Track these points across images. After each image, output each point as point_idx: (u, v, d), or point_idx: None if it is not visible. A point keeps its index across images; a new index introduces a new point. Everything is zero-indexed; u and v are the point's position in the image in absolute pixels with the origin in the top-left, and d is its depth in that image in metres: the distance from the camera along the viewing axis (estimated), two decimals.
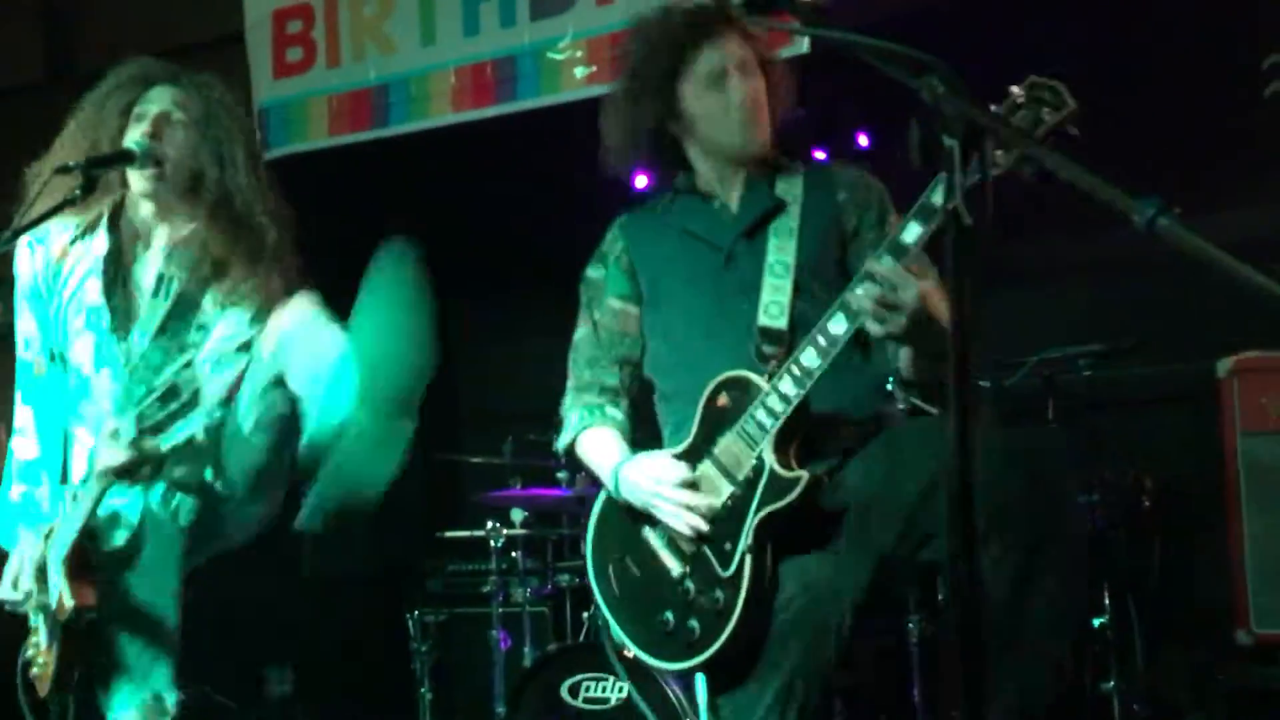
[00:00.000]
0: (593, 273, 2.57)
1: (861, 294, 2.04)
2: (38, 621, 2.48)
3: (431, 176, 5.08)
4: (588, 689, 3.73)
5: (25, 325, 2.59)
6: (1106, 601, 3.91)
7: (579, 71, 3.82)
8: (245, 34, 4.41)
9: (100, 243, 2.52)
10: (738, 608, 2.13)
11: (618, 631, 2.34)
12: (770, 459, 2.16)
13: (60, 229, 2.55)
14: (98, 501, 2.33)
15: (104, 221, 2.54)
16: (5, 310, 3.15)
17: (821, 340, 2.12)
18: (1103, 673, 3.91)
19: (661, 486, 2.25)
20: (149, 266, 2.52)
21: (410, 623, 4.72)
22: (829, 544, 2.18)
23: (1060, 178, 1.16)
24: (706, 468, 2.23)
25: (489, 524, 4.38)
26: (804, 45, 3.41)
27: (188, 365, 2.46)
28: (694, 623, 2.19)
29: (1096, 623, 3.94)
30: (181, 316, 2.47)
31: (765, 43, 2.51)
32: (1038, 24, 3.84)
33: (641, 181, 5.10)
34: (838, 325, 2.11)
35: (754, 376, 2.22)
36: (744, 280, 2.35)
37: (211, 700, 3.99)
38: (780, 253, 2.34)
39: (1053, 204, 2.75)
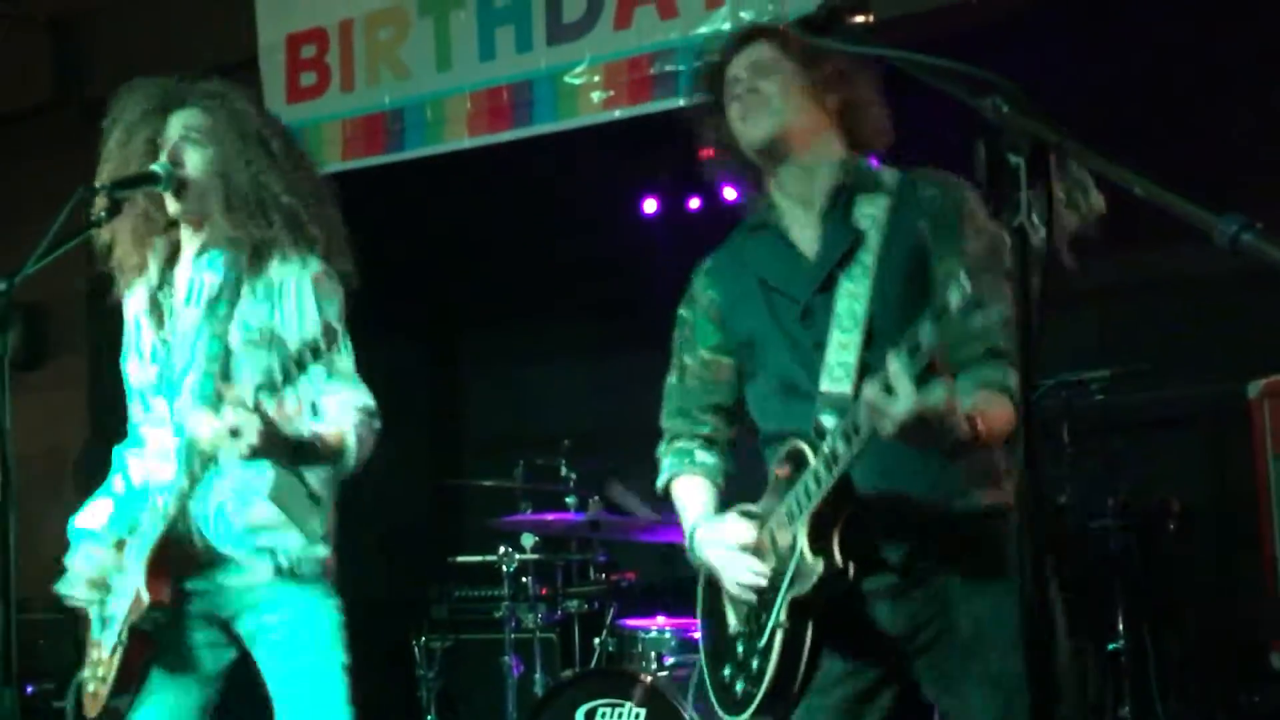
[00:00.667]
0: (685, 313, 2.43)
1: (866, 390, 1.92)
2: (98, 635, 2.50)
3: (438, 203, 5.08)
4: (603, 715, 3.71)
5: (128, 369, 2.64)
6: (1121, 626, 3.91)
7: (596, 96, 3.82)
8: (259, 58, 4.41)
9: (151, 281, 2.59)
10: (765, 681, 2.10)
11: (704, 676, 2.33)
12: (803, 540, 2.06)
13: (140, 281, 2.60)
14: (186, 496, 2.38)
15: (154, 261, 2.59)
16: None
17: (850, 428, 1.97)
18: (1118, 698, 3.90)
19: (723, 550, 2.22)
20: (184, 281, 2.56)
21: (416, 649, 4.69)
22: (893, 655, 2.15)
23: (1136, 194, 1.16)
24: (764, 535, 2.18)
25: (502, 549, 4.36)
26: None
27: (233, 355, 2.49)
28: (740, 684, 2.18)
29: (1111, 647, 3.93)
30: (216, 314, 2.48)
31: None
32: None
33: (651, 206, 5.17)
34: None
35: (807, 450, 2.08)
36: (822, 337, 2.19)
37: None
38: (852, 299, 2.14)
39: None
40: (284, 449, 2.29)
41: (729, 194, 3.77)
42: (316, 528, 2.51)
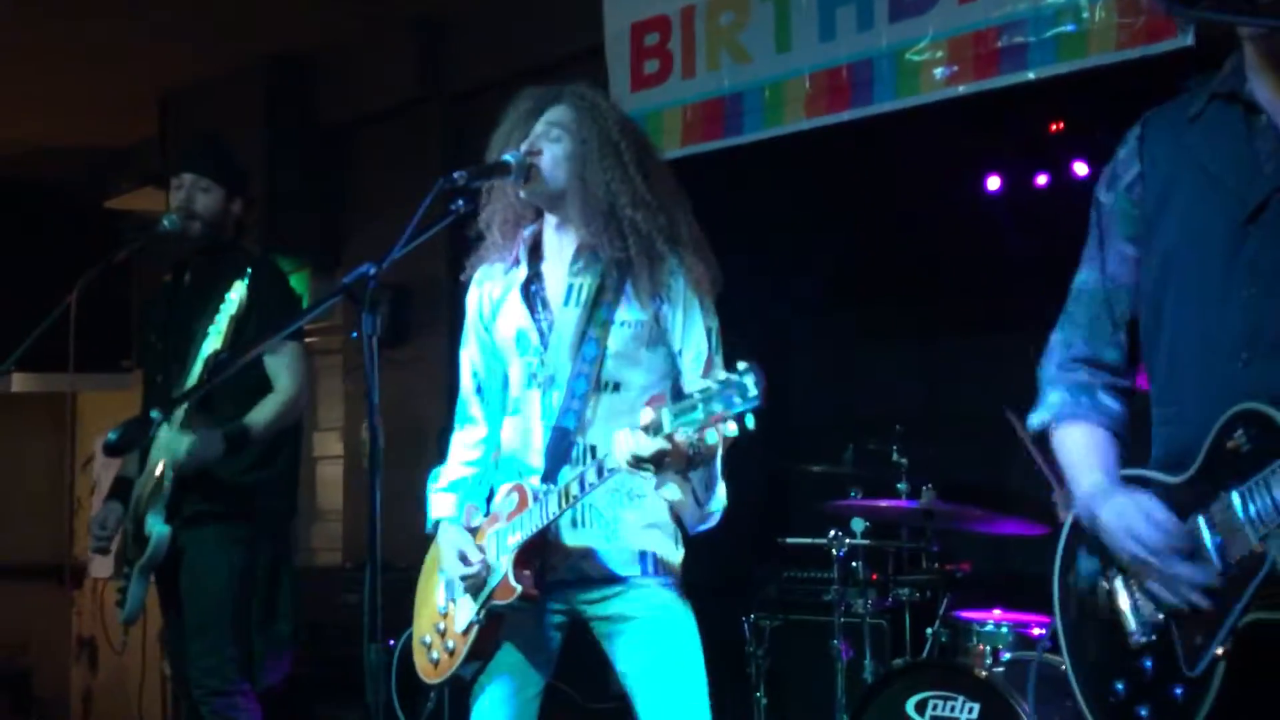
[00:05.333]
0: (1104, 196, 1.94)
1: None
2: (445, 603, 2.63)
3: (770, 185, 5.09)
4: (935, 707, 3.63)
5: (469, 354, 2.78)
6: None
7: (939, 72, 3.70)
8: (605, 47, 4.54)
9: (520, 272, 2.68)
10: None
11: (1069, 664, 1.96)
12: (1278, 553, 1.60)
13: (496, 269, 2.73)
14: (576, 499, 2.43)
15: (524, 253, 2.69)
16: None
17: None
18: None
19: (1144, 550, 1.74)
20: (558, 280, 2.65)
21: (745, 627, 4.74)
22: None
23: None
24: (1198, 524, 1.71)
25: (832, 533, 4.34)
26: (1188, 38, 3.18)
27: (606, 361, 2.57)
28: (1144, 711, 1.77)
29: None
30: (597, 320, 2.57)
31: None
32: None
33: (995, 183, 4.98)
34: None
35: None
36: (1276, 256, 1.68)
37: (558, 692, 4.15)
38: None
39: None
40: (682, 465, 2.36)
41: (1079, 169, 3.51)
42: (681, 529, 2.59)
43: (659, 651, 2.55)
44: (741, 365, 2.19)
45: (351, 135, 6.09)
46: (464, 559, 2.56)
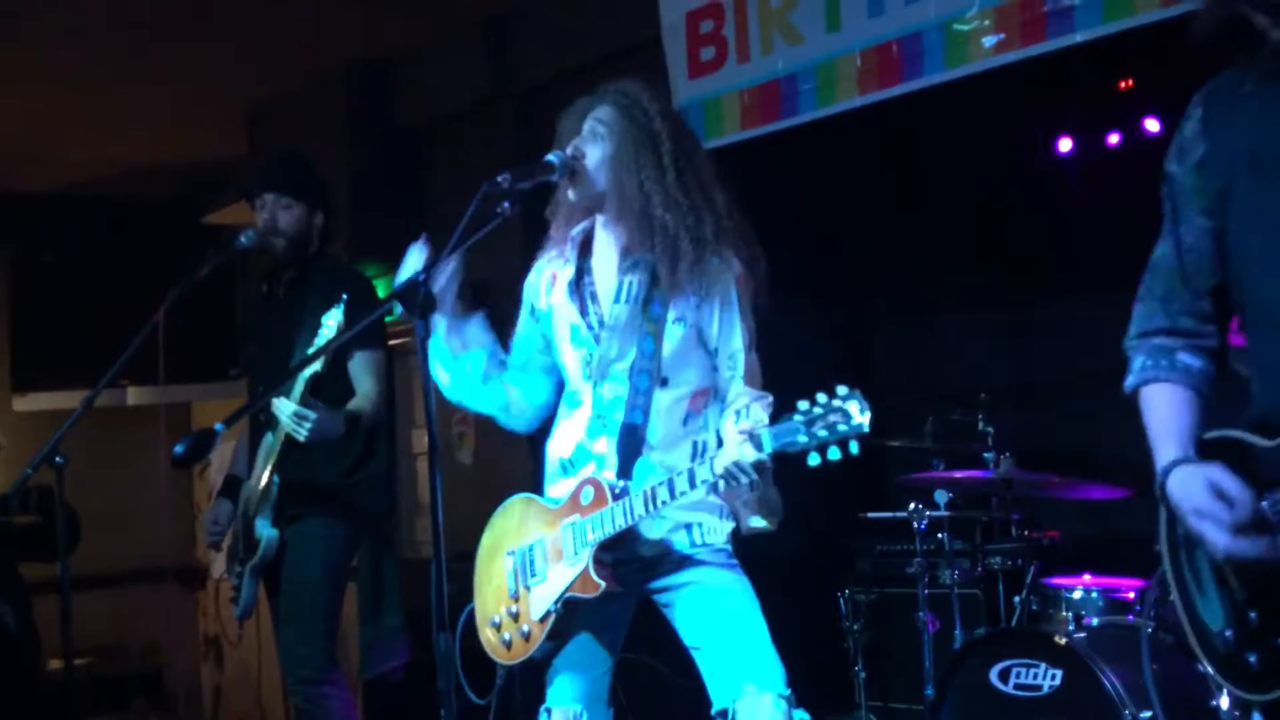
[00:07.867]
0: (1175, 170, 1.97)
1: None
2: (513, 586, 2.67)
3: (844, 160, 5.08)
4: (1018, 675, 3.63)
5: (521, 330, 2.86)
6: None
7: (987, 41, 3.67)
8: (662, 38, 4.59)
9: (569, 269, 2.74)
10: None
11: (1182, 614, 1.99)
12: None
13: (548, 263, 2.80)
14: (665, 504, 2.44)
15: (573, 251, 2.75)
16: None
17: None
18: None
19: (1206, 522, 1.79)
20: (608, 277, 2.70)
21: (841, 601, 4.77)
22: None
23: None
24: None
25: (911, 505, 4.35)
26: None
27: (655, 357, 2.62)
28: (1253, 656, 1.82)
29: None
30: (650, 316, 2.62)
31: None
32: None
33: (1066, 145, 4.90)
34: None
35: None
36: None
37: (649, 669, 4.22)
38: None
39: None
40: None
41: (1151, 125, 3.41)
42: (722, 504, 2.64)
43: (714, 609, 2.59)
44: (842, 390, 2.17)
45: (429, 137, 6.21)
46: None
